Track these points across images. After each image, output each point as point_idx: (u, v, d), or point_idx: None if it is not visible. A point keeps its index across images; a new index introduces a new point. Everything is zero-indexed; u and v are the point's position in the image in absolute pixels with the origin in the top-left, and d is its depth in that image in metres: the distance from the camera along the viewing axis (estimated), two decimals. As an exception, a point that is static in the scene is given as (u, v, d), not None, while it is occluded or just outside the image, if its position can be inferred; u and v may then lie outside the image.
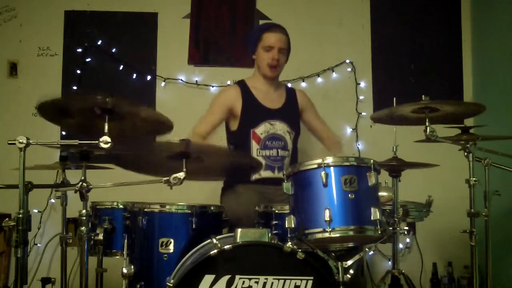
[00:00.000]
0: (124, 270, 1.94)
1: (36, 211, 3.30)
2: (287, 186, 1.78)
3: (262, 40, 2.63)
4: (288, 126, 2.67)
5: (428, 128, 1.91)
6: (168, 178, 1.82)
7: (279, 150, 2.62)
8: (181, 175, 1.82)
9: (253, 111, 2.66)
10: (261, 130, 2.62)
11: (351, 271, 1.72)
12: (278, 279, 1.70)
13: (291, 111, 2.74)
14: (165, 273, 1.88)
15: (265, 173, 2.59)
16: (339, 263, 1.72)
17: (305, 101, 2.82)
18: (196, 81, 3.55)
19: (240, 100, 2.66)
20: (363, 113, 3.56)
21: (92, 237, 2.14)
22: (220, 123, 2.70)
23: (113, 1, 3.59)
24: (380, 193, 1.81)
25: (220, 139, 2.81)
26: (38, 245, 3.37)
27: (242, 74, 3.04)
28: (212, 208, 2.17)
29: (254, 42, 2.67)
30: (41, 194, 3.30)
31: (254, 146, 2.61)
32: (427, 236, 3.47)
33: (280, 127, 2.65)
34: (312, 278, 1.70)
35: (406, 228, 2.28)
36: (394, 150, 2.31)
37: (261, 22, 3.54)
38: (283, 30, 2.66)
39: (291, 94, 2.80)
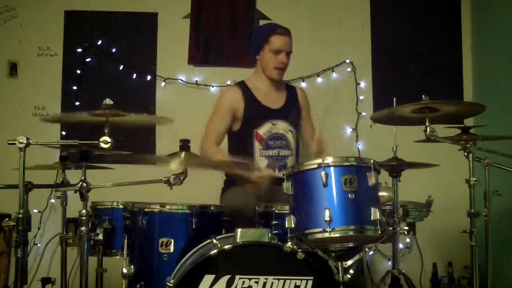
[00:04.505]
0: (124, 270, 1.95)
1: (36, 211, 3.30)
2: (287, 186, 1.78)
3: (270, 42, 2.61)
4: (290, 125, 2.67)
5: (428, 128, 1.91)
6: (168, 178, 1.83)
7: (281, 150, 2.62)
8: (181, 176, 1.82)
9: (255, 112, 2.65)
10: (264, 130, 2.62)
11: (351, 271, 1.72)
12: (278, 279, 1.70)
13: (292, 109, 2.74)
14: (165, 273, 1.88)
15: (265, 172, 2.59)
16: (339, 263, 1.72)
17: (304, 101, 2.82)
18: (196, 81, 3.55)
19: (242, 101, 2.65)
20: (363, 113, 3.56)
21: (92, 237, 2.15)
22: (228, 128, 2.67)
23: (113, 1, 3.59)
24: (380, 193, 1.81)
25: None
26: (38, 245, 3.37)
27: (242, 74, 3.04)
28: (212, 208, 2.17)
29: (259, 43, 2.64)
30: (41, 194, 3.30)
31: (257, 146, 2.61)
32: (427, 236, 3.47)
33: (282, 127, 2.65)
34: (312, 278, 1.70)
35: (406, 228, 2.28)
36: (394, 150, 2.31)
37: (261, 22, 3.54)
38: (288, 33, 2.65)
39: (292, 92, 2.80)
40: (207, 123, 2.66)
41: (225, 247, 1.70)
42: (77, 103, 3.47)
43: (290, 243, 1.71)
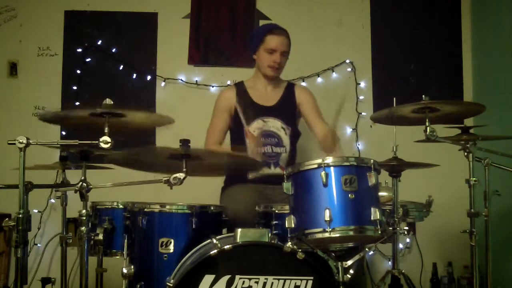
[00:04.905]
0: (124, 270, 1.94)
1: (36, 211, 3.30)
2: (287, 186, 1.78)
3: (265, 42, 2.64)
4: (283, 122, 2.68)
5: (428, 128, 1.91)
6: (168, 178, 1.82)
7: (273, 147, 2.64)
8: (181, 175, 1.82)
9: (246, 109, 2.68)
10: (254, 127, 2.64)
11: (351, 271, 1.72)
12: (278, 279, 1.70)
13: (286, 107, 2.74)
14: (165, 273, 1.88)
15: (262, 169, 2.60)
16: (339, 263, 1.72)
17: (303, 95, 2.80)
18: (196, 81, 3.55)
19: (234, 100, 2.70)
20: (363, 113, 3.56)
21: (92, 237, 2.14)
22: (228, 127, 2.72)
23: (113, 1, 3.59)
24: (380, 193, 1.81)
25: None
26: (38, 245, 3.37)
27: (242, 74, 3.04)
28: (212, 208, 2.17)
29: (256, 43, 2.68)
30: (41, 194, 3.29)
31: (248, 143, 2.63)
32: (427, 236, 3.47)
33: (273, 124, 2.66)
34: (312, 278, 1.70)
35: (406, 228, 2.28)
36: (394, 150, 2.31)
37: (261, 22, 3.54)
38: (285, 33, 2.67)
39: (289, 90, 2.80)
40: (207, 131, 2.71)
41: (225, 247, 1.70)
42: (77, 103, 3.47)
43: (290, 243, 1.71)
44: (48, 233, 3.37)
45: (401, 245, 3.38)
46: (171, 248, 2.01)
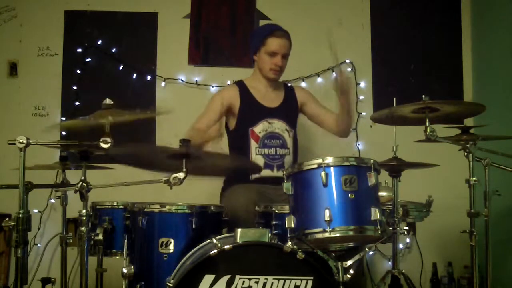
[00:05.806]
0: (124, 270, 1.95)
1: (36, 211, 3.30)
2: (287, 186, 1.78)
3: (266, 44, 2.63)
4: (287, 124, 2.68)
5: (428, 128, 1.91)
6: (168, 178, 1.82)
7: (278, 149, 2.63)
8: (181, 175, 1.82)
9: (251, 110, 2.67)
10: (260, 128, 2.63)
11: (351, 271, 1.72)
12: (278, 279, 1.70)
13: (289, 109, 2.75)
14: (165, 273, 1.88)
15: (264, 172, 2.60)
16: (339, 263, 1.72)
17: (304, 95, 2.82)
18: (196, 81, 3.55)
19: (238, 99, 2.69)
20: (363, 113, 3.56)
21: (92, 237, 2.14)
22: (219, 119, 2.68)
23: (113, 1, 3.59)
24: (380, 193, 1.81)
25: (220, 149, 2.81)
26: (38, 245, 3.37)
27: (242, 74, 3.04)
28: (212, 208, 2.17)
29: (257, 44, 2.67)
30: (41, 194, 3.30)
31: (253, 144, 2.62)
32: (427, 236, 3.47)
33: (278, 126, 2.66)
34: (312, 278, 1.70)
35: (406, 228, 2.28)
36: (394, 150, 2.31)
37: (261, 22, 3.55)
38: (286, 35, 2.66)
39: (289, 91, 2.81)
40: (198, 117, 2.68)
41: (225, 247, 1.70)
42: (77, 103, 3.47)
43: (290, 243, 1.71)
44: (48, 233, 3.37)
45: (401, 245, 3.38)
46: (171, 248, 2.00)
